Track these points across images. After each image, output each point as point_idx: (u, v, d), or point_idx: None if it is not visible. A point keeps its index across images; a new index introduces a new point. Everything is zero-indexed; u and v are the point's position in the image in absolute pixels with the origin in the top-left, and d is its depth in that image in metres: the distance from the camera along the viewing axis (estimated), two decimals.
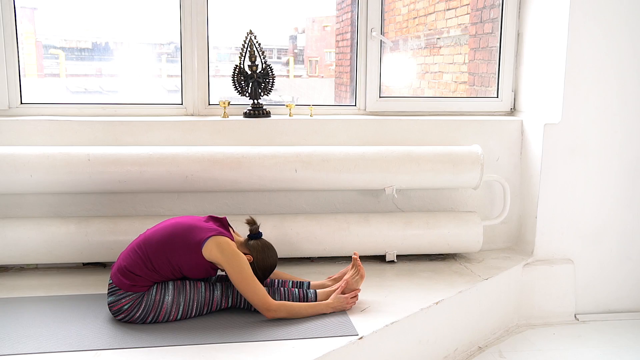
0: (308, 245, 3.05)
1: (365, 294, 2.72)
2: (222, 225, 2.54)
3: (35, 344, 2.21)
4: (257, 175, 2.98)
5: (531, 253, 3.33)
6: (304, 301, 2.54)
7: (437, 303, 2.68)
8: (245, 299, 2.49)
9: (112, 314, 2.40)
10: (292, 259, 3.17)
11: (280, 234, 3.01)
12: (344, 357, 2.27)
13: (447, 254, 3.31)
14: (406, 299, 2.70)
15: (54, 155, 2.88)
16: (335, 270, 2.93)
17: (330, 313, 2.50)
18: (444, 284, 2.89)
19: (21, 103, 3.20)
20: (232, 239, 2.47)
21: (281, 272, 2.76)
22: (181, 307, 2.41)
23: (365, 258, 3.18)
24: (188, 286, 2.44)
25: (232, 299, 2.50)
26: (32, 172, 2.84)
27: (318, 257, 3.21)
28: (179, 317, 2.42)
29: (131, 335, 2.30)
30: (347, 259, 3.15)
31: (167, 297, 2.40)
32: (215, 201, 3.20)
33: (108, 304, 2.41)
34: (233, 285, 2.48)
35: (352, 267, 2.64)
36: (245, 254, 2.48)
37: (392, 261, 3.18)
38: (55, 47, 4.57)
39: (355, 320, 2.45)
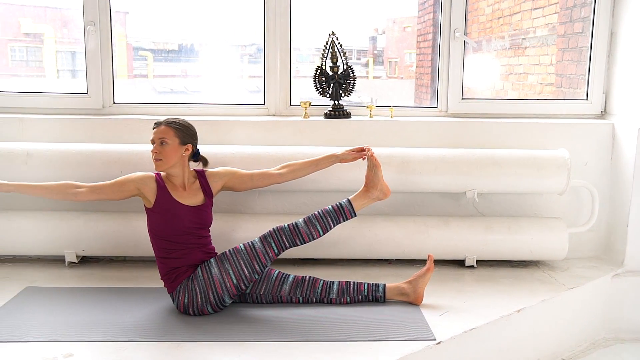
0: (386, 247, 3.04)
1: (444, 298, 2.68)
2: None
3: (122, 333, 2.32)
4: (336, 176, 2.99)
5: (621, 263, 3.17)
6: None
7: (518, 311, 2.60)
8: (290, 242, 2.53)
9: (186, 314, 2.50)
10: (369, 260, 3.17)
11: (358, 234, 3.01)
12: None
13: (529, 261, 3.21)
14: (486, 306, 2.63)
15: (142, 152, 3.00)
16: (412, 273, 2.90)
17: (403, 310, 2.48)
18: (526, 292, 2.80)
19: (114, 102, 3.36)
20: (158, 178, 2.61)
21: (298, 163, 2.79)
22: (231, 272, 2.49)
23: (443, 262, 3.12)
24: (228, 252, 2.55)
25: (275, 246, 2.53)
26: (122, 168, 2.98)
27: (395, 260, 3.19)
28: (235, 281, 2.49)
29: (211, 328, 2.37)
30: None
31: (213, 270, 2.49)
32: (295, 200, 3.24)
33: (177, 309, 2.53)
34: (271, 231, 2.54)
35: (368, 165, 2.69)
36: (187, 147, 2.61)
37: (472, 266, 3.11)
38: (144, 49, 4.77)
39: (433, 324, 2.42)
